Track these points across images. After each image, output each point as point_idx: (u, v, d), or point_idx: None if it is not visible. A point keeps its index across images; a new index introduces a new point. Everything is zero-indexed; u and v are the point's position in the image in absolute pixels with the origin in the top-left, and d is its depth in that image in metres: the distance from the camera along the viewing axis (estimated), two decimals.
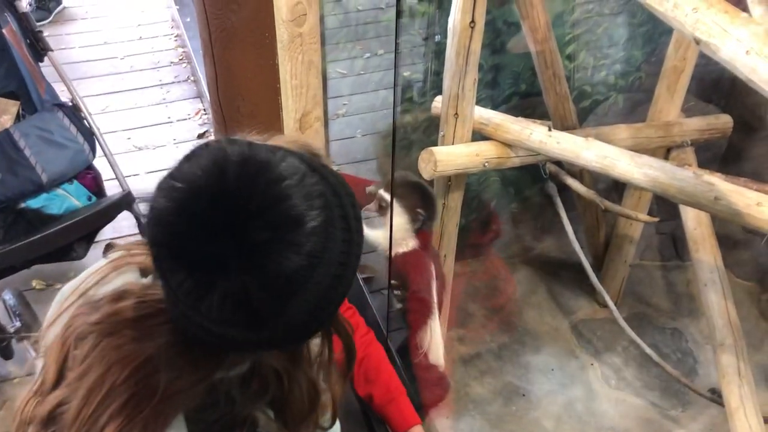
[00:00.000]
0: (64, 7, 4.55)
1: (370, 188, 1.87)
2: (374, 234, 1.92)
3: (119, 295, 0.85)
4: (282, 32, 1.24)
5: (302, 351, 0.91)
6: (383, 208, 1.79)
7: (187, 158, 0.76)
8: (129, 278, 0.90)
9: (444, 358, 1.76)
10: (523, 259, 3.14)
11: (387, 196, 1.79)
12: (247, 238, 0.72)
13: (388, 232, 1.70)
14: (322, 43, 1.43)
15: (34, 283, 2.75)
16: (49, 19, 4.39)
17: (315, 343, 0.92)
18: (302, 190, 0.75)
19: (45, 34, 2.54)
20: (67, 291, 0.95)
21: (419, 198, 1.87)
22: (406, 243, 1.78)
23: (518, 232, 3.17)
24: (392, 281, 1.86)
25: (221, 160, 0.74)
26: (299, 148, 0.95)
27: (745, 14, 1.30)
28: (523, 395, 2.69)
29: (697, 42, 1.35)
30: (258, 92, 1.59)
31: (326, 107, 1.69)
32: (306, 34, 1.25)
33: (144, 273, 0.91)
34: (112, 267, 0.92)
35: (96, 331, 0.83)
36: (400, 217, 1.75)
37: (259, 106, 1.61)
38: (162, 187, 0.75)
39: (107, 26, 4.52)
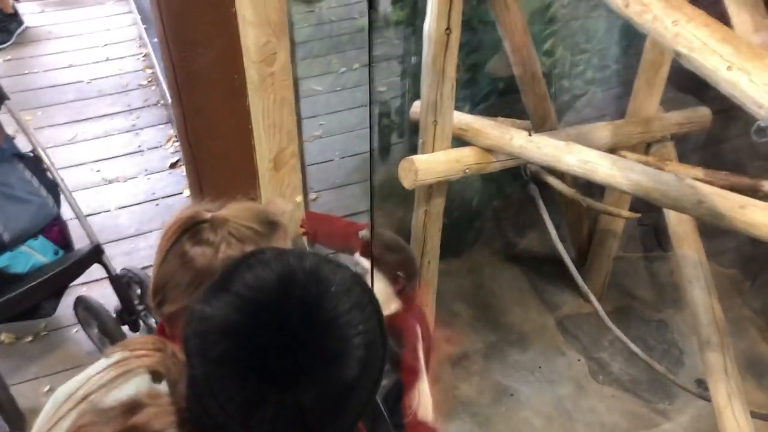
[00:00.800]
0: (27, 28, 4.36)
1: (363, 233, 1.83)
2: None
3: (134, 405, 0.80)
4: (252, 73, 1.20)
5: None
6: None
7: (243, 269, 0.77)
8: (140, 384, 0.86)
9: (434, 412, 1.73)
10: (507, 256, 3.13)
11: (363, 262, 1.74)
12: (315, 352, 0.73)
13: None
14: (293, 63, 1.38)
15: (2, 337, 2.66)
16: (11, 41, 4.18)
17: None
18: (355, 302, 0.77)
19: (7, 57, 2.42)
20: (61, 396, 0.89)
21: (399, 259, 1.83)
22: (388, 306, 1.75)
23: (501, 228, 3.15)
24: None
25: (290, 275, 0.75)
26: (255, 215, 0.91)
27: (726, 28, 1.28)
28: (512, 394, 2.69)
29: (678, 55, 1.32)
30: (229, 133, 1.53)
31: (301, 134, 1.64)
32: (277, 73, 1.21)
33: (155, 377, 0.86)
34: (117, 371, 0.87)
35: None
36: (379, 282, 1.71)
37: (231, 147, 1.55)
38: (223, 298, 0.74)
39: (72, 47, 4.33)
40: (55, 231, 2.37)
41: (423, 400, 1.68)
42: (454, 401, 2.64)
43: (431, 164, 2.07)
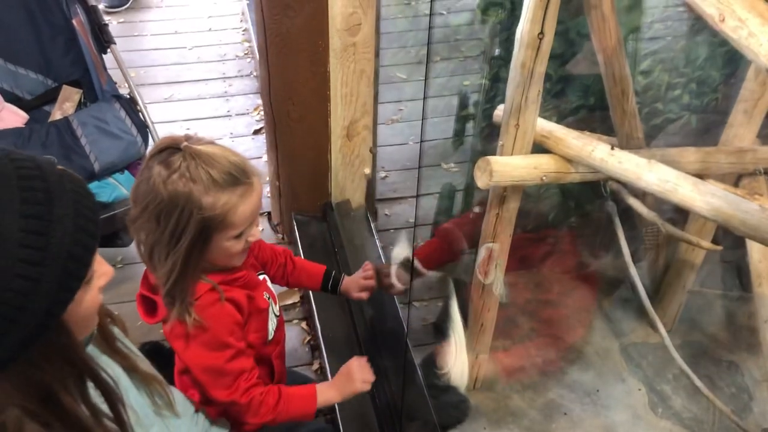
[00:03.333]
0: None
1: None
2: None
3: None
4: (335, 41, 1.25)
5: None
6: None
7: None
8: None
9: (467, 377, 1.75)
10: (577, 275, 3.07)
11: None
12: None
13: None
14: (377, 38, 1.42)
15: None
16: (127, 5, 4.59)
17: None
18: None
19: (121, 20, 2.67)
20: None
21: None
22: None
23: (575, 246, 3.10)
24: None
25: None
26: (227, 164, 1.27)
27: None
28: (565, 414, 2.64)
29: None
30: (308, 97, 1.59)
31: (376, 111, 1.67)
32: (360, 44, 1.25)
33: None
34: None
35: None
36: None
37: (308, 111, 1.61)
38: None
39: (179, 16, 4.67)
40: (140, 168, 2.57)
41: (458, 363, 1.69)
42: (505, 410, 2.62)
43: (508, 167, 2.07)
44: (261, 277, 1.74)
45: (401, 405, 1.40)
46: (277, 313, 1.77)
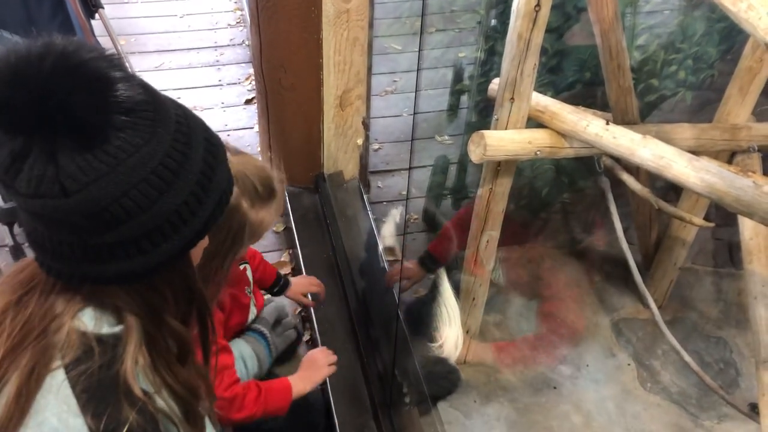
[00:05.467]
0: None
1: None
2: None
3: None
4: (328, 7, 1.23)
5: (157, 296, 0.93)
6: None
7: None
8: None
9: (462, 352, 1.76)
10: (570, 251, 3.08)
11: None
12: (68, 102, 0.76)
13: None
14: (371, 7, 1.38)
15: None
16: None
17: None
18: (123, 75, 0.84)
19: None
20: None
21: None
22: None
23: (567, 223, 3.11)
24: None
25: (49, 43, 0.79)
26: (262, 176, 1.06)
27: None
28: (554, 388, 2.66)
29: None
30: (300, 65, 1.57)
31: (369, 82, 1.64)
32: (353, 11, 1.23)
33: None
34: None
35: None
36: None
37: (301, 80, 1.59)
38: None
39: None
40: None
41: (451, 335, 1.71)
42: (495, 384, 2.64)
43: (502, 141, 2.06)
44: (241, 266, 1.74)
45: (391, 376, 1.41)
46: (256, 304, 1.81)
